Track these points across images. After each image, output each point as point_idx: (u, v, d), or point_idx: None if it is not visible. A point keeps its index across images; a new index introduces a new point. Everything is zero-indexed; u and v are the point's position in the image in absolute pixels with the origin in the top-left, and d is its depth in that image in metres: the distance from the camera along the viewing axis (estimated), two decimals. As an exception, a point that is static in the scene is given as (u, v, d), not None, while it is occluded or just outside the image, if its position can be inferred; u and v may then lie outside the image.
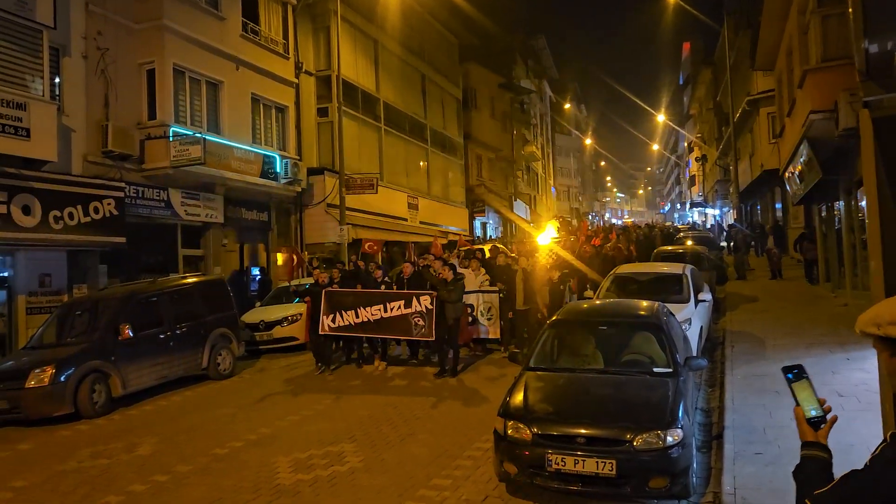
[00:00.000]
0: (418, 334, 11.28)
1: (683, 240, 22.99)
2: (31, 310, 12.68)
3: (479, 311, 12.72)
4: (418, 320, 11.16)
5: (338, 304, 11.80)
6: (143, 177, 15.30)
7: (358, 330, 11.76)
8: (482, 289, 12.86)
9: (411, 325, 11.23)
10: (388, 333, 11.79)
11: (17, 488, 7.07)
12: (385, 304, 11.44)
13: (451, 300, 11.13)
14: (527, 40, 50.81)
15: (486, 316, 12.70)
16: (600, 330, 7.32)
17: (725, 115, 32.97)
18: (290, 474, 6.88)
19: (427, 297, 11.12)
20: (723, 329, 12.81)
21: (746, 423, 7.11)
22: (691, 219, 65.30)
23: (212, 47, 16.95)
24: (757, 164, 27.67)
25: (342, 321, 11.68)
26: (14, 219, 11.92)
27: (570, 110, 74.68)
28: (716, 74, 39.93)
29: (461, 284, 11.44)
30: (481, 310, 12.72)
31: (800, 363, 2.18)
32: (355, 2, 23.48)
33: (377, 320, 11.48)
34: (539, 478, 5.55)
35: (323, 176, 21.19)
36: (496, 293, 12.58)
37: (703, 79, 45.56)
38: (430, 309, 11.07)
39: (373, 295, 11.85)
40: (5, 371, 10.05)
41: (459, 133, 34.57)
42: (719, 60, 35.27)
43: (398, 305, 11.33)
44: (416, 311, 11.15)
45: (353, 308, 11.61)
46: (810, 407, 2.09)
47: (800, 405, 2.10)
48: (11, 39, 11.94)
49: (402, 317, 11.29)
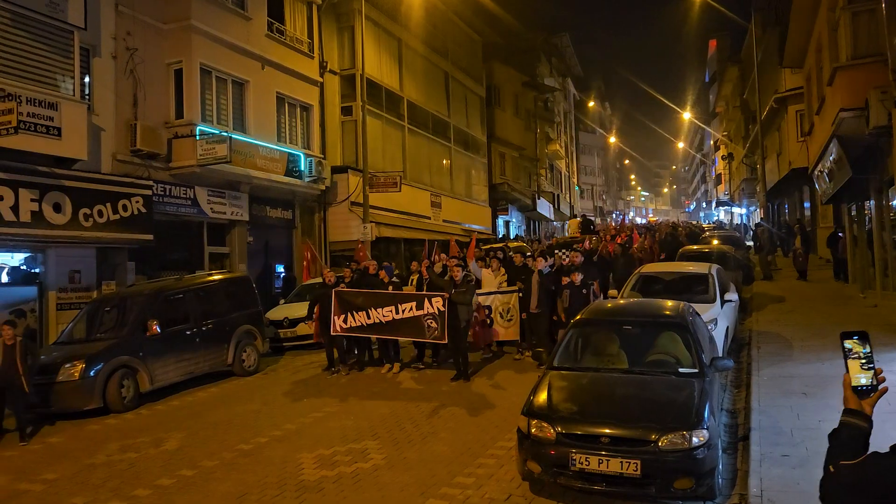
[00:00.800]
0: (431, 337, 11.02)
1: (709, 239, 22.75)
2: (61, 306, 12.92)
3: (497, 312, 12.36)
4: (431, 322, 10.90)
5: (349, 305, 11.58)
6: (170, 175, 15.51)
7: (370, 331, 11.57)
8: (500, 289, 12.49)
9: (424, 327, 10.98)
10: (401, 335, 11.54)
11: (49, 481, 7.22)
12: (397, 306, 11.19)
13: (462, 302, 10.89)
14: (550, 38, 50.56)
15: (505, 317, 12.31)
16: (625, 330, 7.27)
17: (753, 112, 32.55)
18: (314, 470, 6.94)
19: (439, 299, 10.84)
20: (749, 329, 12.66)
21: (773, 424, 7.03)
22: (717, 218, 64.60)
23: (238, 47, 17.12)
24: (785, 162, 27.29)
25: (354, 321, 11.49)
26: (45, 216, 12.15)
27: (594, 108, 74.25)
28: (743, 72, 39.42)
29: (472, 286, 11.21)
30: (500, 311, 12.35)
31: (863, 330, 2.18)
32: (380, 1, 23.57)
33: (389, 322, 11.23)
34: (563, 477, 5.54)
35: (347, 174, 21.30)
36: (515, 293, 12.19)
37: (730, 76, 44.98)
38: (442, 311, 10.78)
39: (384, 296, 11.58)
40: (37, 366, 10.21)
41: (483, 131, 34.53)
42: (746, 57, 34.79)
43: (410, 307, 11.08)
44: (429, 312, 10.89)
45: (365, 309, 11.41)
46: (860, 375, 2.09)
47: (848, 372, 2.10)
48: (43, 40, 12.15)
49: (414, 318, 11.03)
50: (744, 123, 41.61)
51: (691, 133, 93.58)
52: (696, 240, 23.14)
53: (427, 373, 11.66)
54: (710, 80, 65.88)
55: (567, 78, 59.37)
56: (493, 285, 12.54)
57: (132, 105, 14.80)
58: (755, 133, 31.33)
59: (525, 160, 41.89)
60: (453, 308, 10.79)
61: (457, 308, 10.83)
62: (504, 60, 37.70)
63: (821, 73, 15.84)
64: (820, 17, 15.13)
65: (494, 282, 12.56)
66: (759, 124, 28.87)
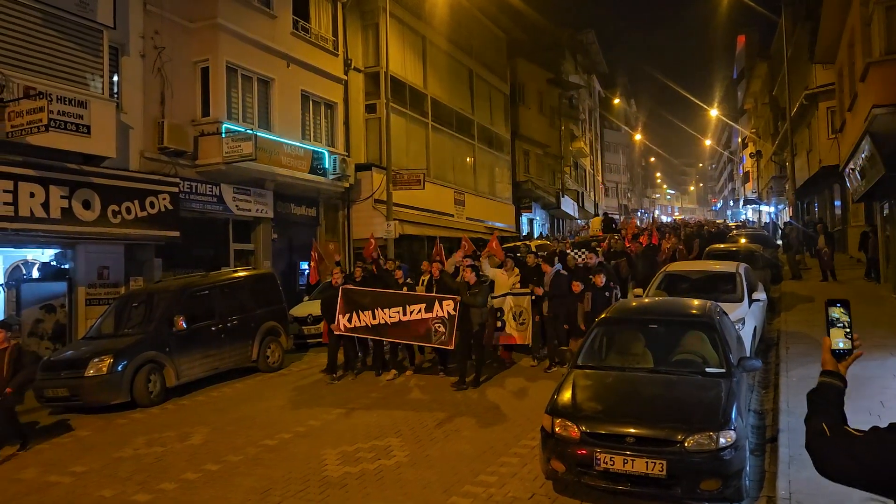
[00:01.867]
0: (437, 342, 10.40)
1: (737, 238, 22.44)
2: (90, 301, 13.11)
3: (509, 314, 11.62)
4: (438, 326, 10.29)
5: (355, 303, 11.04)
6: (196, 172, 15.67)
7: (374, 332, 11.00)
8: (512, 291, 11.70)
9: (430, 331, 10.36)
10: (406, 338, 10.94)
11: (78, 473, 7.32)
12: (405, 307, 10.61)
13: (476, 304, 10.35)
14: (575, 35, 50.22)
15: (518, 320, 11.56)
16: (650, 329, 7.19)
17: (782, 109, 32.01)
18: (337, 467, 6.96)
19: (450, 302, 10.23)
20: (777, 329, 12.46)
21: (802, 426, 6.86)
22: (744, 216, 63.73)
23: (263, 45, 17.23)
24: (815, 160, 26.81)
25: (358, 321, 10.94)
26: (75, 213, 12.33)
27: (620, 105, 73.63)
28: (772, 68, 38.79)
29: (486, 288, 10.70)
30: (513, 314, 11.61)
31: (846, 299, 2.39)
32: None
33: (395, 323, 10.67)
34: (587, 476, 5.49)
35: (370, 172, 21.36)
36: (528, 295, 11.42)
37: (759, 72, 44.29)
38: (451, 315, 10.17)
39: (392, 296, 11.06)
40: (66, 360, 10.41)
41: (507, 129, 34.41)
42: (776, 53, 34.25)
43: (419, 309, 10.50)
44: (437, 316, 10.27)
45: (371, 308, 10.85)
46: (839, 339, 2.32)
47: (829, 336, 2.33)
48: (73, 39, 12.33)
49: (421, 321, 10.45)
50: (773, 120, 40.99)
51: (718, 130, 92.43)
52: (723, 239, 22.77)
53: (431, 380, 11.00)
54: (738, 76, 64.96)
55: (592, 75, 58.95)
56: (507, 286, 11.80)
57: (160, 103, 14.97)
58: (784, 130, 30.82)
59: (549, 158, 41.67)
60: (466, 311, 10.29)
61: (469, 311, 10.34)
62: (529, 57, 37.53)
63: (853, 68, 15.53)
64: (853, 11, 14.83)
65: (508, 283, 11.83)
66: (788, 121, 28.38)
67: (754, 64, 46.14)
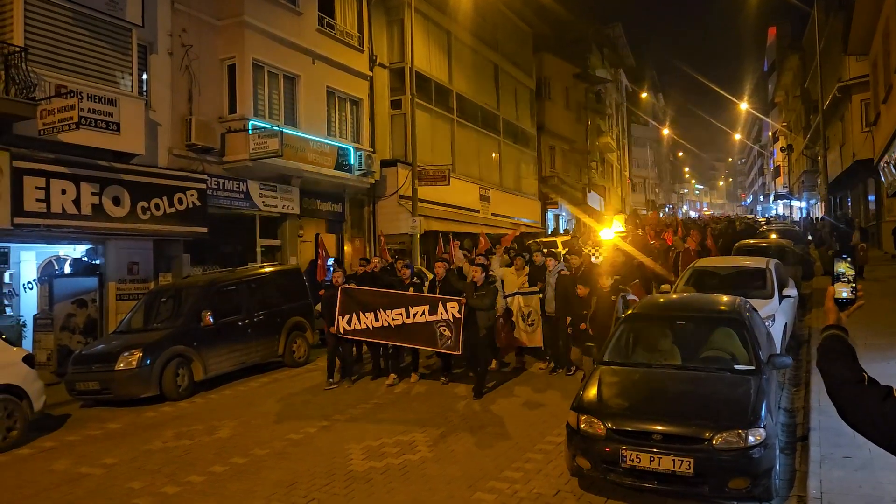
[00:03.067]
0: (444, 346, 9.76)
1: (767, 233, 22.08)
2: (120, 296, 13.32)
3: (518, 315, 10.99)
4: (444, 329, 9.66)
5: (356, 304, 10.42)
6: (223, 169, 15.82)
7: (376, 335, 10.39)
8: (521, 290, 11.03)
9: (436, 335, 9.74)
10: (409, 342, 10.29)
11: (108, 465, 7.44)
12: (408, 308, 9.97)
13: (482, 307, 9.61)
14: (602, 29, 49.82)
15: (527, 321, 10.90)
16: (678, 325, 7.09)
17: (814, 102, 31.44)
18: (362, 461, 6.98)
19: (455, 304, 9.59)
20: (808, 326, 12.23)
21: (834, 425, 6.74)
22: (775, 212, 62.71)
23: (289, 42, 17.33)
24: (848, 153, 26.29)
25: (359, 324, 10.34)
26: (106, 209, 12.52)
27: (647, 99, 72.84)
28: (804, 60, 38.09)
29: (493, 289, 9.93)
30: (522, 314, 10.96)
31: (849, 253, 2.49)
32: (429, -6, 23.55)
33: (398, 326, 10.04)
34: (613, 474, 5.43)
35: (396, 168, 21.39)
36: (537, 294, 10.76)
37: (790, 65, 43.51)
38: (457, 318, 9.55)
39: (395, 296, 10.39)
40: (97, 354, 10.60)
41: (532, 124, 34.23)
42: (808, 45, 33.61)
43: (422, 311, 9.86)
44: (442, 319, 9.66)
45: (374, 310, 10.23)
46: (843, 290, 2.47)
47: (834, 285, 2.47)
48: (103, 38, 12.51)
49: (425, 324, 9.81)
50: (804, 113, 40.26)
51: (748, 124, 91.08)
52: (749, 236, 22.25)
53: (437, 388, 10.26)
54: (768, 69, 63.92)
55: (619, 69, 58.37)
56: (516, 286, 11.13)
57: (187, 100, 15.14)
58: (816, 123, 30.24)
59: (575, 153, 41.38)
60: (472, 314, 9.62)
61: (475, 314, 9.63)
62: (555, 52, 37.27)
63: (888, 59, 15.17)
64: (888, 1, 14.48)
65: (518, 282, 11.13)
66: (820, 114, 27.86)
67: (785, 56, 45.34)
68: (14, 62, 10.84)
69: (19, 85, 10.81)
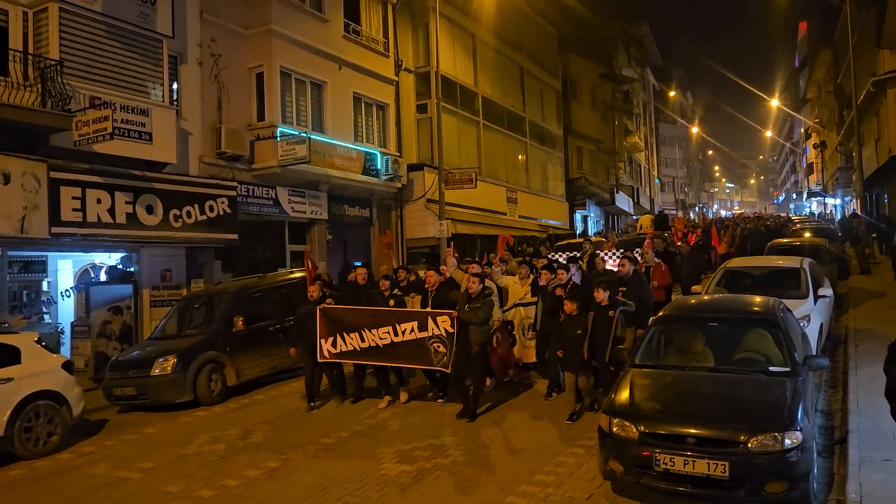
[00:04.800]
0: (440, 363, 8.82)
1: (800, 232, 21.67)
2: (154, 303, 13.56)
3: (519, 328, 10.01)
4: (438, 346, 8.77)
5: (338, 324, 9.52)
6: (253, 176, 16.02)
7: (364, 357, 9.50)
8: (521, 301, 10.05)
9: (430, 352, 8.85)
10: (403, 362, 9.42)
11: (146, 469, 7.58)
12: (395, 326, 9.10)
13: (475, 321, 8.63)
14: (628, 28, 49.38)
15: (527, 335, 9.91)
16: (710, 326, 6.99)
17: (847, 97, 30.80)
18: (394, 465, 7.01)
19: (446, 318, 8.71)
20: (845, 326, 11.98)
21: (874, 427, 6.61)
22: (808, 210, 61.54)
23: (316, 49, 17.49)
24: (884, 149, 25.69)
25: (345, 345, 9.45)
26: (139, 218, 12.76)
27: (675, 98, 72.06)
28: (836, 54, 37.36)
29: (489, 302, 8.91)
30: (523, 326, 9.97)
31: None
32: (453, -3, 23.61)
33: (387, 345, 9.17)
34: (646, 477, 5.38)
35: (422, 171, 21.46)
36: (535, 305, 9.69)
37: (822, 60, 42.70)
38: (450, 332, 8.67)
39: (379, 313, 9.41)
40: (133, 360, 10.79)
41: (559, 125, 34.10)
42: (840, 39, 32.96)
43: (410, 327, 8.98)
44: (435, 334, 8.79)
45: (358, 330, 9.35)
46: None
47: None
48: (135, 49, 12.77)
49: (416, 342, 8.92)
50: (837, 109, 39.46)
51: (780, 121, 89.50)
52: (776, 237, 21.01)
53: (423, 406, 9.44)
54: (800, 64, 62.79)
55: (646, 68, 57.87)
56: (518, 296, 10.15)
57: (217, 109, 15.36)
58: (850, 119, 29.64)
59: (603, 153, 41.11)
60: (463, 328, 8.70)
61: (467, 329, 8.69)
62: (580, 52, 37.10)
63: (924, 52, 14.81)
64: (922, -8, 14.14)
65: (521, 292, 10.14)
66: (854, 110, 27.29)
67: (817, 51, 44.51)
68: (50, 75, 11.13)
69: (55, 97, 11.09)
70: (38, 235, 11.21)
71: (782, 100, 70.26)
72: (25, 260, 13.13)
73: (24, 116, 10.74)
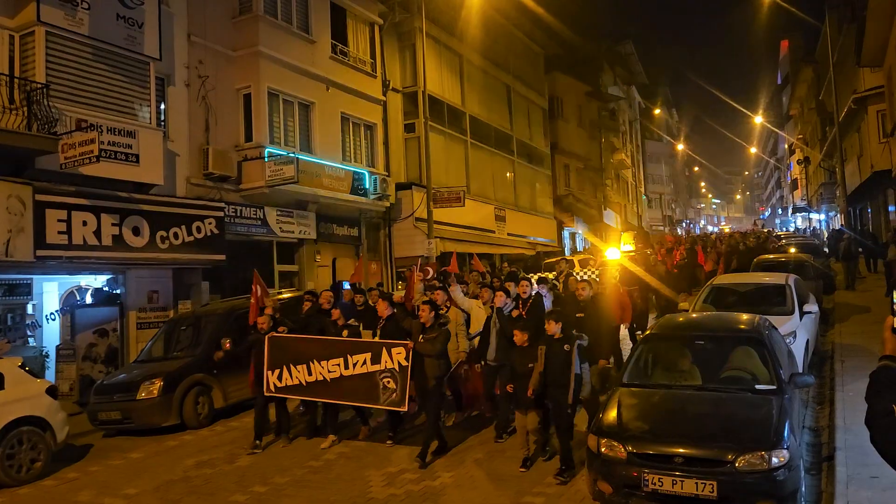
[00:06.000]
0: (387, 401, 8.05)
1: (785, 247, 21.85)
2: (140, 325, 13.45)
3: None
4: (388, 381, 7.99)
5: (285, 355, 8.84)
6: (240, 196, 16.01)
7: (310, 392, 8.78)
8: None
9: (378, 388, 8.06)
10: (347, 399, 8.56)
11: (131, 496, 7.48)
12: (346, 358, 8.33)
13: (430, 353, 7.89)
14: (613, 46, 49.99)
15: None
16: (697, 345, 7.03)
17: (829, 114, 31.24)
18: (382, 488, 6.95)
19: (401, 350, 7.97)
20: (832, 342, 12.06)
21: (860, 444, 6.62)
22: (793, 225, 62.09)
23: (303, 70, 17.57)
24: (866, 165, 26.03)
25: (290, 379, 8.73)
26: (125, 239, 12.70)
27: (661, 115, 72.76)
28: (817, 72, 37.92)
29: (445, 331, 8.12)
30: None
31: None
32: (441, 19, 23.81)
33: (335, 379, 8.40)
34: (635, 498, 5.37)
35: (411, 190, 21.51)
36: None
37: (804, 77, 43.33)
38: (403, 366, 7.91)
39: (330, 343, 8.71)
40: (119, 384, 10.67)
41: (546, 143, 34.34)
42: (821, 57, 33.47)
43: (363, 360, 8.21)
44: (386, 368, 8.01)
45: (306, 362, 8.63)
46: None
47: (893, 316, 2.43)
48: (122, 72, 12.79)
49: (366, 376, 8.15)
50: (820, 126, 40.00)
51: (764, 137, 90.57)
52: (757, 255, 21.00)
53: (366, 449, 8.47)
54: (782, 81, 63.68)
55: (632, 86, 58.46)
56: (482, 322, 9.03)
57: (204, 130, 15.37)
58: (833, 135, 30.06)
59: (590, 171, 41.38)
60: (418, 361, 7.97)
61: (422, 361, 7.96)
62: (566, 71, 37.45)
63: (903, 70, 15.09)
64: (900, 12, 14.44)
65: (484, 317, 9.12)
66: (836, 126, 27.69)
67: (799, 69, 45.17)
68: (36, 98, 11.12)
69: (41, 120, 11.07)
70: (22, 258, 11.14)
71: (766, 116, 71.22)
72: (10, 283, 13.01)
73: (9, 140, 10.70)
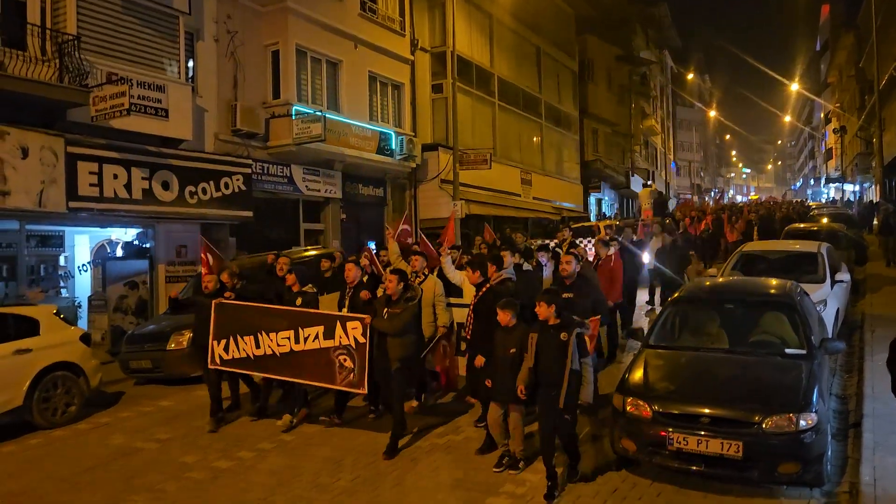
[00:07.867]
0: (344, 382, 7.08)
1: (817, 217, 21.46)
2: (169, 278, 13.64)
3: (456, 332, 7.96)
4: (344, 359, 7.05)
5: (232, 324, 7.89)
6: (268, 154, 16.05)
7: (258, 367, 7.85)
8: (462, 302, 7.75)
9: (334, 367, 7.10)
10: (300, 377, 7.53)
11: (162, 440, 7.68)
12: (297, 330, 7.38)
13: (391, 331, 6.87)
14: (647, 9, 48.73)
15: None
16: (726, 309, 6.97)
17: (869, 82, 30.41)
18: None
19: (357, 325, 7.00)
20: (862, 312, 11.89)
21: (888, 412, 6.57)
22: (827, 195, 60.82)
23: (332, 27, 17.41)
24: (905, 134, 25.36)
25: (237, 351, 7.84)
26: (155, 193, 12.82)
27: (693, 81, 71.24)
28: (859, 38, 36.80)
29: (411, 307, 7.04)
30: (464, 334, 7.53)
31: None
32: (471, -24, 23.38)
33: (284, 354, 7.47)
34: (659, 457, 5.39)
35: (437, 152, 21.40)
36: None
37: (844, 44, 42.07)
38: (361, 343, 6.95)
39: (281, 314, 7.70)
40: (149, 334, 10.90)
41: (575, 107, 33.84)
42: (863, 23, 32.45)
43: (315, 333, 7.26)
44: (342, 344, 7.06)
45: (254, 332, 7.69)
46: None
47: None
48: (151, 26, 12.77)
49: (319, 352, 7.20)
50: (859, 94, 38.94)
51: (799, 106, 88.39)
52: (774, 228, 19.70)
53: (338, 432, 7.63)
54: (821, 48, 61.92)
55: (664, 50, 57.18)
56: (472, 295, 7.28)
57: (232, 86, 15.36)
58: (872, 104, 29.23)
59: (618, 136, 40.80)
60: (380, 340, 7.01)
61: (384, 341, 6.97)
62: (598, 33, 36.69)
63: (950, 34, 14.54)
64: (950, -27, 13.84)
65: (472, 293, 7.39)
66: (876, 94, 26.91)
67: (839, 35, 43.87)
68: (67, 50, 11.14)
69: (73, 73, 11.12)
70: (55, 209, 11.30)
71: (802, 84, 69.35)
72: (43, 234, 13.23)
73: (41, 91, 10.77)
